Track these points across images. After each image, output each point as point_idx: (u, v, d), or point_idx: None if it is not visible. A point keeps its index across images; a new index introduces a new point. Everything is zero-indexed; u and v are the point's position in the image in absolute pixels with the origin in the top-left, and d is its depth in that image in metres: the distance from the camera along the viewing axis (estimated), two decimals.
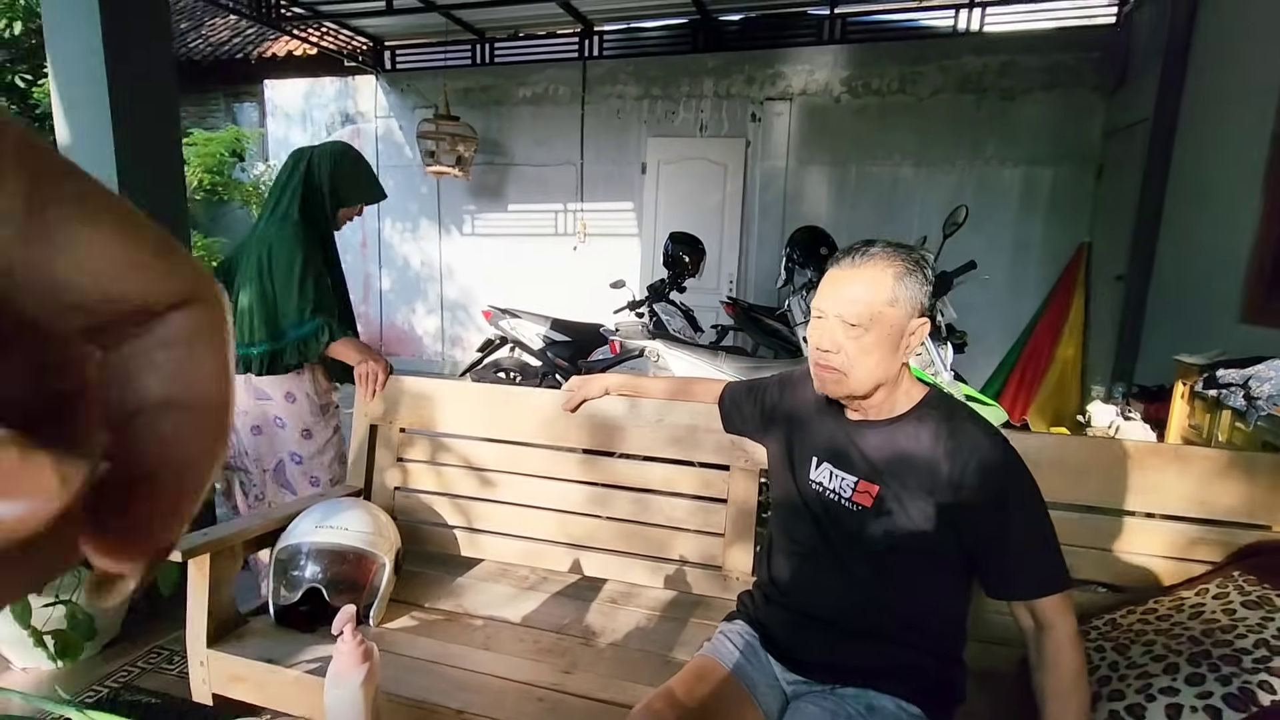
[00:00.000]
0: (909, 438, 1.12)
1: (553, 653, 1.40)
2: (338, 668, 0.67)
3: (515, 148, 6.08)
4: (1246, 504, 1.24)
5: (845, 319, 1.06)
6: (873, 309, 1.05)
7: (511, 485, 1.66)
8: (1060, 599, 1.03)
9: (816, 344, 1.11)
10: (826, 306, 1.09)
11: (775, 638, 1.17)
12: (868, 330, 1.06)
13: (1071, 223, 5.03)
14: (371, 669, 0.69)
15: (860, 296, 1.06)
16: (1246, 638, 0.97)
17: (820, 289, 1.12)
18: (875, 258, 1.08)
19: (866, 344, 1.06)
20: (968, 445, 1.09)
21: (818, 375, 1.13)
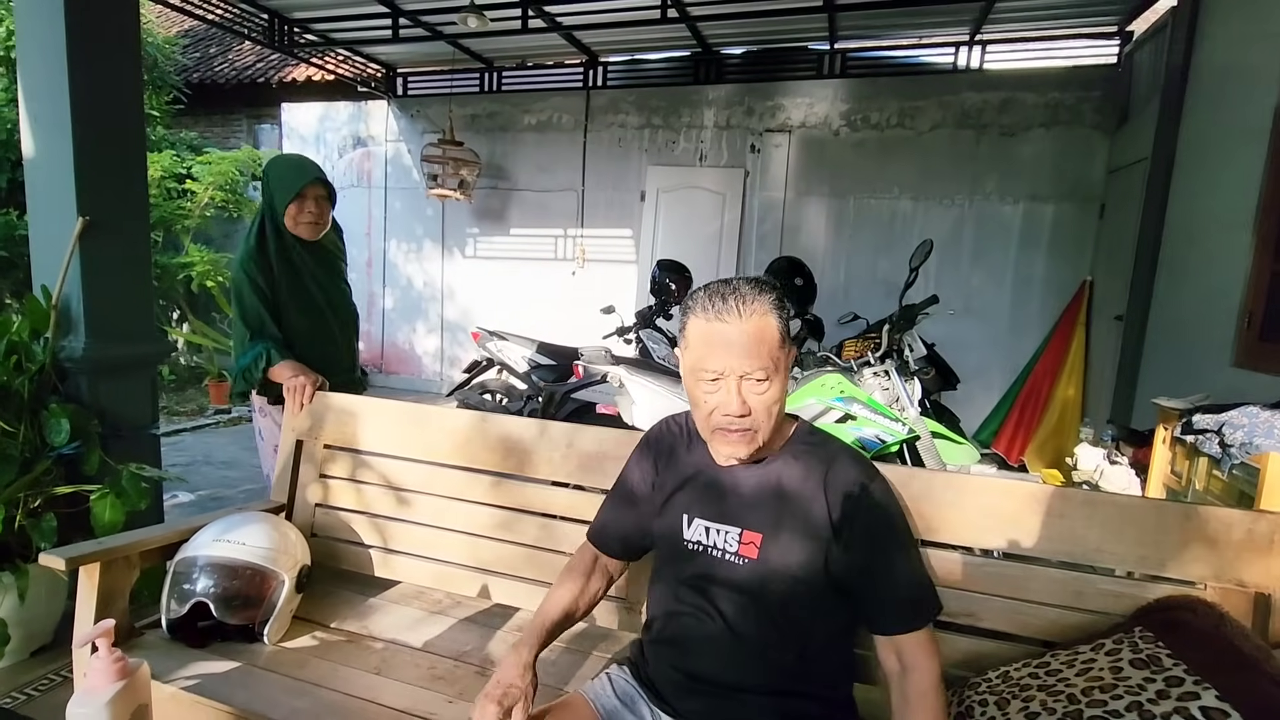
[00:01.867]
0: (788, 477, 1.08)
1: (445, 680, 1.36)
2: (87, 684, 0.66)
3: (519, 173, 6.17)
4: (1159, 556, 1.17)
5: (751, 375, 1.00)
6: (773, 357, 1.01)
7: (427, 506, 1.64)
8: (925, 640, 1.01)
9: (721, 409, 1.01)
10: (721, 366, 1.00)
11: (664, 695, 1.11)
12: (772, 380, 1.01)
13: (1074, 260, 4.95)
14: (130, 687, 0.67)
15: (758, 348, 1.00)
16: (1122, 699, 0.91)
17: (701, 347, 1.02)
18: (754, 300, 1.01)
19: (772, 394, 1.02)
20: (845, 480, 1.06)
21: (726, 441, 1.04)
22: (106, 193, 2.07)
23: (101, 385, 2.11)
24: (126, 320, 2.17)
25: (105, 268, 2.10)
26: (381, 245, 6.69)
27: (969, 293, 5.02)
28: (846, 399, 2.49)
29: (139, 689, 0.67)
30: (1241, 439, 2.16)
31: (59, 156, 1.99)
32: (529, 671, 1.03)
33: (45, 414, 1.92)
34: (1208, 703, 0.85)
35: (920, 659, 1.00)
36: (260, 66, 7.14)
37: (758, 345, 1.00)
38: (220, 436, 4.94)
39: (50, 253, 2.06)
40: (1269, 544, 1.12)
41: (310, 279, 1.94)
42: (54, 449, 1.92)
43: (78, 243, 2.02)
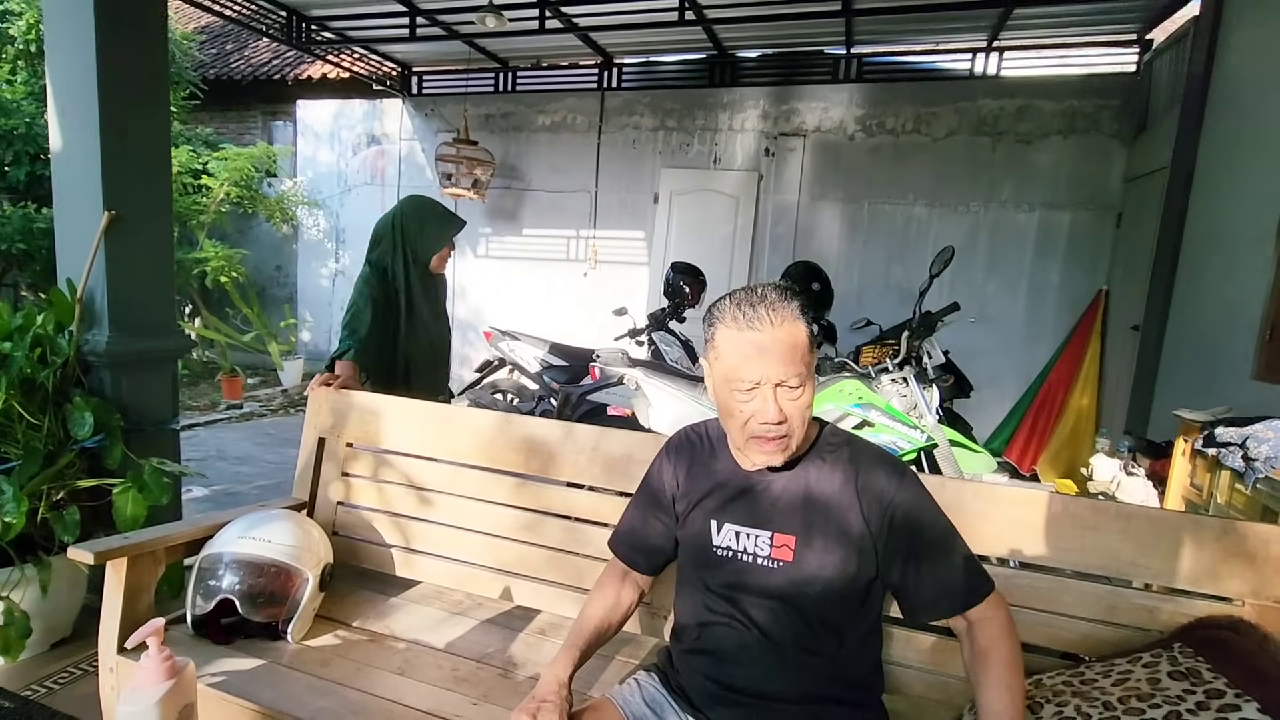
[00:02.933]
0: (816, 479, 1.08)
1: (468, 682, 1.36)
2: (135, 682, 0.66)
3: (532, 173, 6.18)
4: (1193, 571, 1.16)
5: (786, 383, 1.00)
6: (805, 362, 1.01)
7: (449, 506, 1.64)
8: (992, 598, 1.03)
9: (758, 418, 1.01)
10: (758, 375, 1.00)
11: (696, 703, 1.10)
12: (805, 387, 1.02)
13: (1090, 269, 4.92)
14: (178, 687, 0.66)
15: (791, 355, 1.00)
16: (1160, 708, 0.90)
17: (735, 356, 1.02)
18: (784, 307, 1.02)
19: (805, 400, 1.03)
20: (880, 480, 1.06)
21: (759, 450, 1.04)
22: (132, 187, 2.08)
23: (124, 379, 2.11)
24: (149, 315, 2.18)
25: (129, 262, 2.10)
26: None
27: (983, 300, 5.00)
28: (865, 405, 2.47)
29: (186, 688, 0.67)
30: (1267, 453, 2.13)
31: (87, 151, 2.00)
32: (564, 688, 1.03)
33: (69, 407, 1.93)
34: (1249, 715, 0.84)
35: (988, 611, 1.02)
36: (276, 63, 7.17)
37: (791, 352, 1.00)
38: (233, 432, 4.96)
39: (76, 246, 2.07)
40: None
41: (426, 302, 2.15)
42: (77, 442, 1.93)
43: (103, 237, 2.03)
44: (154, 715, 0.63)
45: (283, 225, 6.64)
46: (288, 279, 7.22)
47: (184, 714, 0.67)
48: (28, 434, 1.89)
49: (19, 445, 1.86)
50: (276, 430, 5.04)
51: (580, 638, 1.13)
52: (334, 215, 6.88)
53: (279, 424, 5.27)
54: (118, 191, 2.04)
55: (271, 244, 7.06)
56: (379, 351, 2.04)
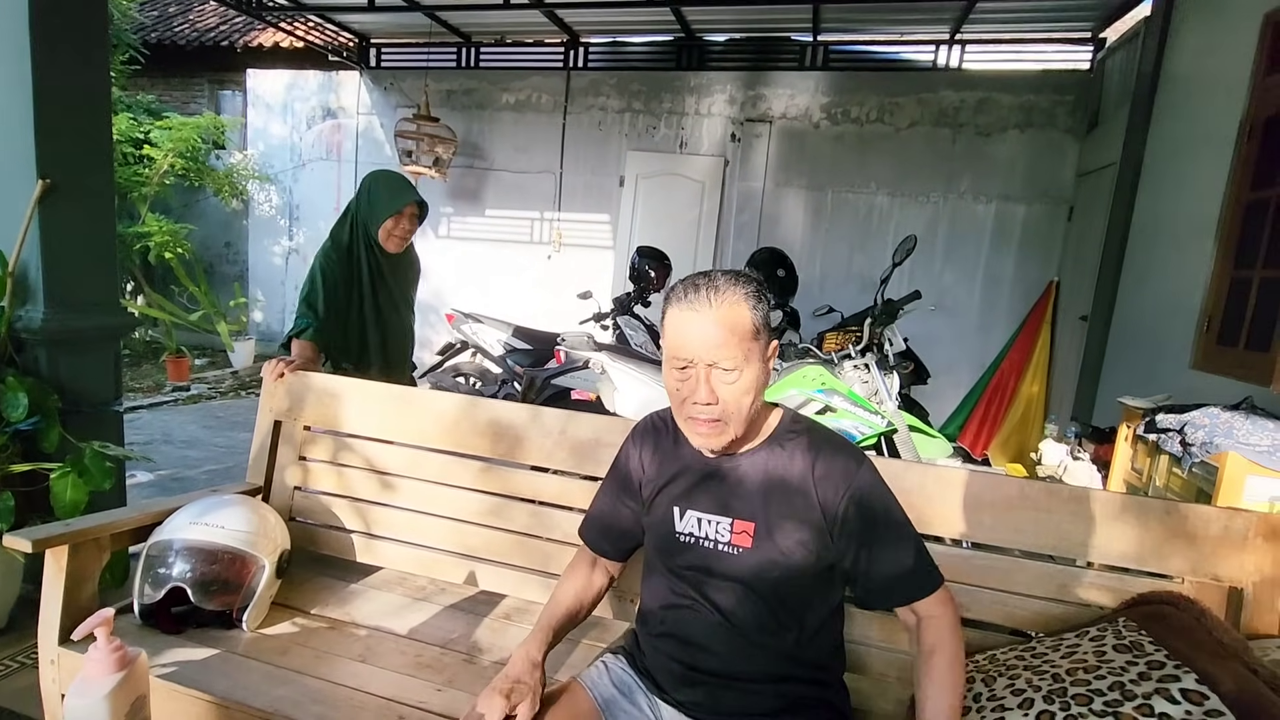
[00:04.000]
0: (778, 465, 1.08)
1: (431, 668, 1.34)
2: (85, 674, 0.62)
3: (495, 153, 6.06)
4: (1139, 550, 1.21)
5: (719, 364, 0.99)
6: (744, 346, 1.00)
7: (411, 491, 1.61)
8: (939, 593, 1.04)
9: (689, 398, 1.02)
10: (690, 354, 1.00)
11: (662, 685, 1.11)
12: (742, 370, 1.00)
13: (1042, 260, 5.08)
14: (130, 678, 0.63)
15: (727, 338, 0.99)
16: (1105, 679, 0.94)
17: (673, 335, 1.02)
18: (726, 289, 1.01)
19: (743, 385, 1.01)
20: (838, 467, 1.07)
21: (694, 431, 1.05)
22: (69, 154, 1.95)
23: (61, 359, 2.00)
24: (88, 290, 2.06)
25: (66, 234, 1.99)
26: None
27: (940, 289, 5.12)
28: (827, 391, 2.51)
29: (138, 679, 0.64)
30: (1202, 438, 2.24)
31: (18, 114, 1.87)
32: (538, 669, 1.04)
33: (1, 388, 1.82)
34: (1188, 685, 0.88)
35: (936, 608, 1.04)
36: (224, 29, 6.84)
37: (727, 335, 0.99)
38: (180, 415, 4.77)
39: (7, 217, 1.94)
40: (1243, 540, 1.16)
41: (383, 285, 2.09)
42: (10, 425, 1.82)
43: (37, 206, 1.91)
44: (104, 708, 0.60)
45: (232, 200, 6.37)
46: (238, 256, 6.95)
47: (136, 706, 0.64)
48: None
49: None
50: (226, 413, 4.87)
51: (552, 619, 1.13)
52: (287, 191, 6.64)
53: (229, 407, 5.09)
54: (53, 158, 1.92)
55: (220, 219, 6.78)
56: (341, 330, 1.99)
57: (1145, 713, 0.87)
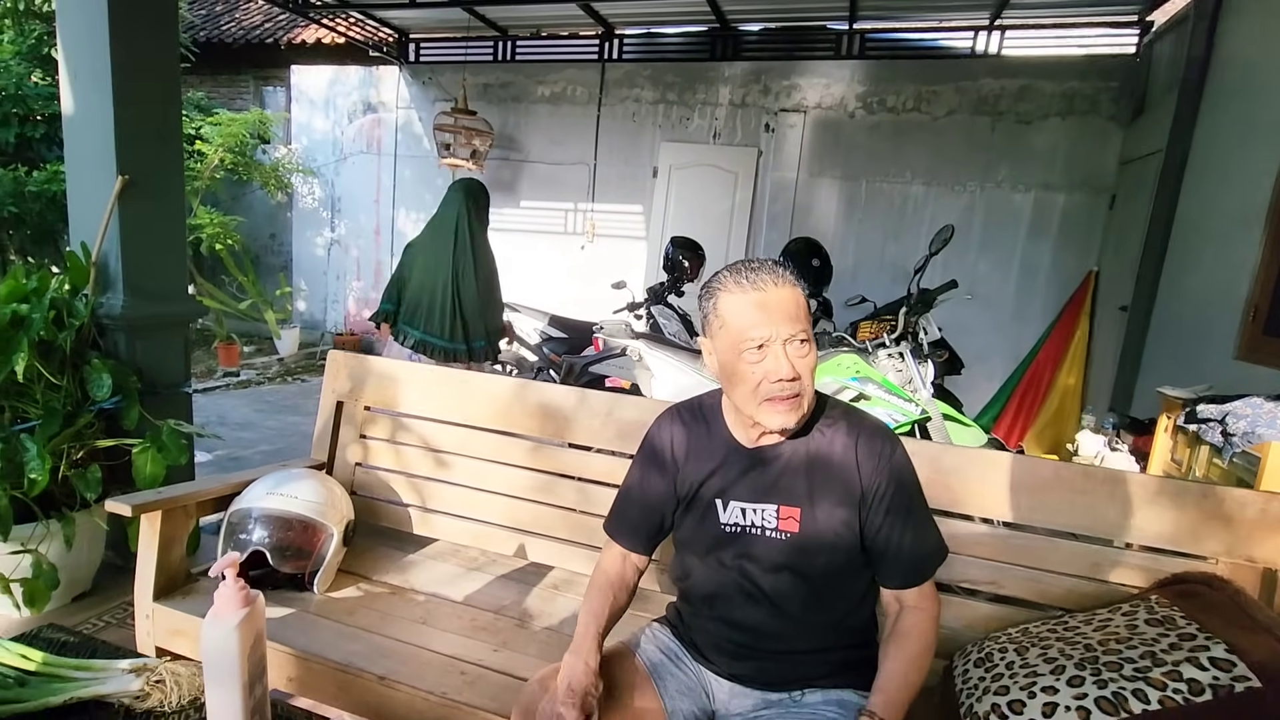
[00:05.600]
0: (818, 448, 1.12)
1: (487, 631, 1.43)
2: (217, 609, 0.71)
3: (531, 145, 6.15)
4: (1174, 532, 1.24)
5: (796, 336, 1.03)
6: (809, 319, 1.06)
7: (465, 468, 1.70)
8: (927, 588, 1.10)
9: (766, 378, 1.03)
10: (767, 332, 1.02)
11: (709, 657, 1.16)
12: (811, 345, 1.05)
13: (1081, 250, 4.99)
14: (253, 615, 0.72)
15: (798, 313, 1.04)
16: (1136, 648, 0.98)
17: (739, 318, 1.04)
18: (781, 270, 1.06)
19: (812, 359, 1.06)
20: (877, 447, 1.11)
21: (774, 411, 1.05)
22: (145, 151, 2.08)
23: (138, 343, 2.14)
24: (162, 279, 2.20)
25: (142, 226, 2.12)
26: (390, 214, 6.67)
27: (975, 279, 5.06)
28: (862, 379, 2.55)
29: (257, 617, 0.73)
30: (1244, 428, 2.23)
31: (99, 114, 2.00)
32: (597, 676, 1.05)
33: (87, 369, 1.96)
34: (1217, 654, 0.92)
35: (919, 600, 1.09)
36: (268, 27, 7.04)
37: (796, 309, 1.04)
38: (232, 398, 4.98)
39: (89, 210, 2.08)
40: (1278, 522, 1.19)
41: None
42: (95, 403, 1.96)
43: (116, 201, 2.04)
44: (235, 638, 0.69)
45: (277, 193, 6.58)
46: (282, 248, 7.18)
47: (256, 641, 0.73)
48: (47, 394, 1.92)
49: (39, 405, 1.89)
50: (275, 398, 5.07)
51: (598, 625, 1.12)
52: (329, 184, 6.83)
53: (277, 391, 5.29)
54: (130, 156, 2.05)
55: (265, 212, 7.01)
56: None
57: (1174, 678, 0.91)
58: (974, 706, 1.05)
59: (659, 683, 1.15)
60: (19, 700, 0.77)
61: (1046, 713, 0.95)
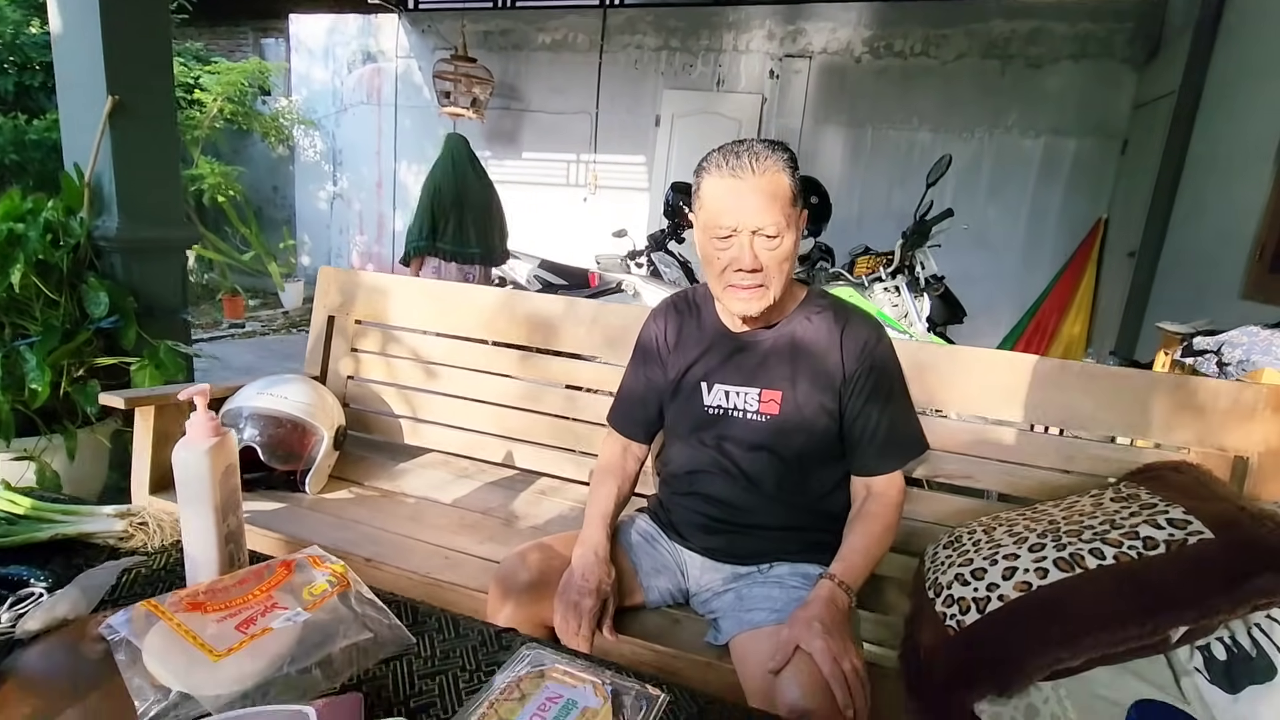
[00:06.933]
0: (805, 333, 1.14)
1: (473, 528, 1.47)
2: (189, 436, 0.74)
3: (532, 94, 6.07)
4: (1146, 423, 1.25)
5: (763, 232, 1.02)
6: (785, 213, 1.03)
7: (454, 378, 1.73)
8: (895, 475, 1.14)
9: (734, 265, 1.04)
10: (734, 221, 1.02)
11: (685, 534, 1.20)
12: (783, 237, 1.04)
13: (1091, 197, 4.91)
14: (224, 446, 0.75)
15: (770, 204, 1.01)
16: (1098, 518, 1.00)
17: (713, 203, 1.04)
18: (766, 157, 1.03)
19: (783, 252, 1.05)
20: (862, 334, 1.13)
21: (735, 298, 1.07)
22: (135, 73, 2.08)
23: (135, 265, 2.17)
24: (156, 202, 2.21)
25: (135, 149, 2.12)
26: (392, 165, 6.63)
27: (983, 227, 5.00)
28: None
29: (229, 451, 0.75)
30: (1240, 357, 2.21)
31: (88, 34, 1.99)
32: (608, 564, 1.10)
33: (84, 287, 1.99)
34: (1175, 515, 0.93)
35: (886, 487, 1.14)
36: None
37: (770, 201, 1.02)
38: (237, 346, 5.04)
39: (80, 132, 2.09)
40: (1252, 411, 1.19)
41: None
42: (93, 321, 2.00)
43: (108, 122, 2.04)
44: (206, 462, 0.72)
45: (278, 145, 6.54)
46: (285, 201, 7.16)
47: (228, 472, 0.75)
48: (46, 311, 1.95)
49: (38, 322, 1.93)
50: (280, 347, 5.12)
51: (605, 514, 1.17)
52: (330, 136, 6.78)
53: (282, 340, 5.34)
54: (120, 76, 2.04)
55: (267, 164, 6.98)
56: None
57: (1131, 537, 0.93)
58: (938, 579, 1.07)
59: (635, 562, 1.19)
60: (6, 536, 0.81)
61: (1006, 575, 0.97)
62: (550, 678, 0.36)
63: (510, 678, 0.37)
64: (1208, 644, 0.89)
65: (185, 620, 0.62)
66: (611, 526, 1.18)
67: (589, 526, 1.16)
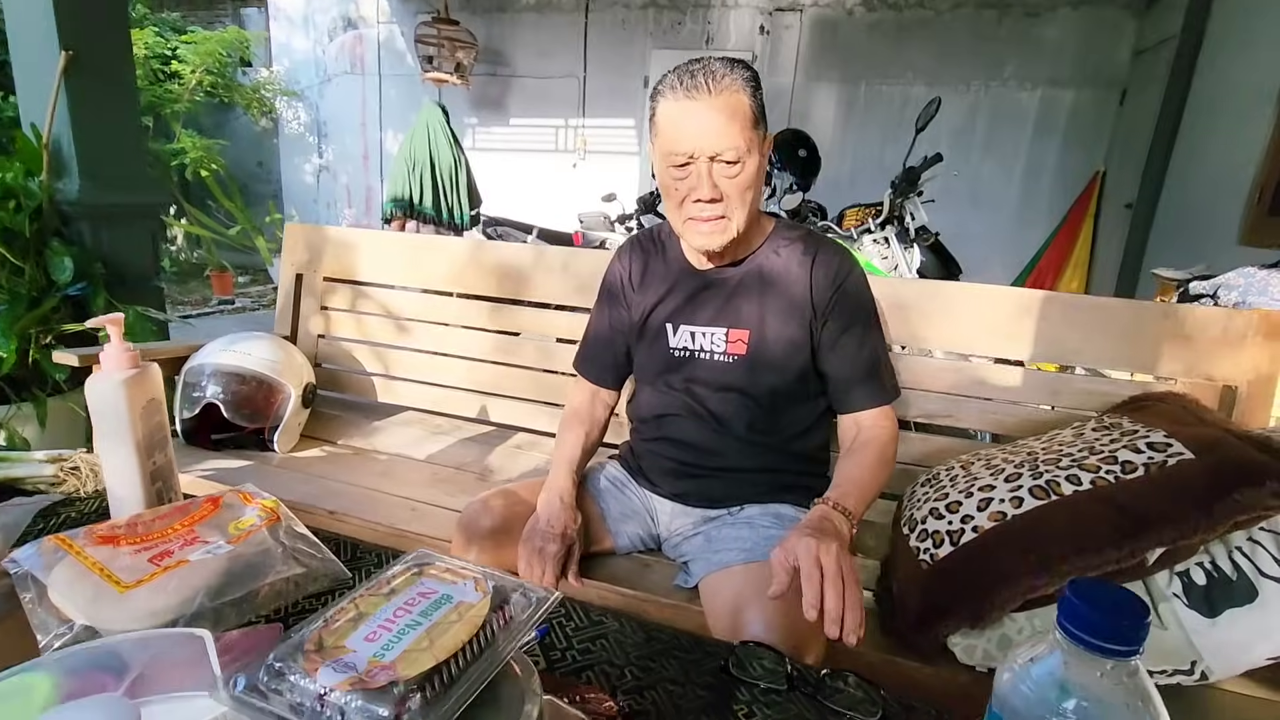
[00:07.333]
0: (774, 267, 1.08)
1: (446, 483, 1.44)
2: (104, 368, 0.70)
3: (517, 58, 5.92)
4: (1133, 354, 1.21)
5: (721, 156, 0.95)
6: (745, 135, 0.96)
7: (426, 333, 1.68)
8: (886, 411, 1.08)
9: (689, 195, 0.98)
10: (691, 147, 0.95)
11: (654, 480, 1.17)
12: (744, 162, 0.97)
13: (1088, 149, 4.80)
14: (145, 380, 0.70)
15: (728, 126, 0.94)
16: (1076, 446, 0.96)
17: (668, 127, 0.97)
18: (724, 75, 0.95)
19: (745, 179, 0.98)
20: (834, 264, 1.08)
21: (695, 231, 1.01)
22: (89, 28, 1.99)
23: (102, 232, 2.11)
24: (120, 166, 2.14)
25: (93, 108, 2.05)
26: (378, 136, 6.51)
27: (978, 183, 4.91)
28: None
29: (151, 383, 0.71)
30: (1236, 299, 2.16)
31: None
32: (573, 509, 1.07)
33: (48, 253, 1.94)
34: (1155, 439, 0.90)
35: (876, 419, 1.07)
36: None
37: (728, 123, 0.94)
38: (225, 321, 5.00)
39: (36, 90, 2.02)
40: (1242, 339, 1.15)
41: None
42: (59, 288, 1.95)
43: (63, 79, 1.97)
44: (122, 393, 0.68)
45: (261, 118, 6.42)
46: (271, 176, 7.06)
47: (151, 407, 0.71)
48: (10, 279, 1.91)
49: (3, 289, 1.88)
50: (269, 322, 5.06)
51: (571, 461, 1.13)
52: (314, 107, 6.65)
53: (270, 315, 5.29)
54: (73, 30, 1.96)
55: (251, 139, 6.86)
56: None
57: (1109, 461, 0.89)
58: (913, 515, 1.04)
59: (603, 507, 1.16)
60: None
61: (981, 506, 0.93)
62: (427, 574, 0.33)
63: (383, 575, 0.34)
64: (1187, 569, 0.86)
65: (94, 553, 0.59)
66: (578, 473, 1.15)
67: (554, 472, 1.12)
